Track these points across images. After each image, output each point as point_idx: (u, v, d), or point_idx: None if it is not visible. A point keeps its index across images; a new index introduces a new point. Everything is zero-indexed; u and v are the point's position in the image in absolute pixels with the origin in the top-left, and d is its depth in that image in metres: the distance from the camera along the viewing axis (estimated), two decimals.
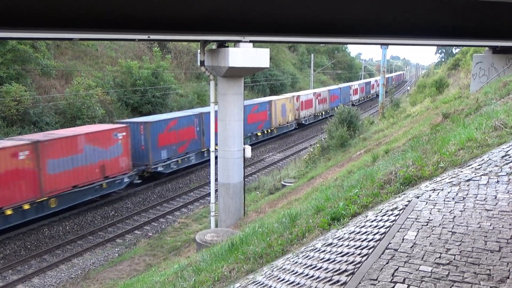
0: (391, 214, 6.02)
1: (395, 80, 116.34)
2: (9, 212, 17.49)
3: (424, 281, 4.14)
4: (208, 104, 31.28)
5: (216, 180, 18.64)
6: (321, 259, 5.37)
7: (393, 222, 5.64)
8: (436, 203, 6.13)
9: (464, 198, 6.20)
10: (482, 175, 6.96)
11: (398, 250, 4.82)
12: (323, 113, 51.73)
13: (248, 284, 5.88)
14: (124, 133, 23.48)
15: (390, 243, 5.01)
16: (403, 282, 4.14)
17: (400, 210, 6.07)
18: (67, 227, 20.29)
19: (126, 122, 26.18)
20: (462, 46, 39.08)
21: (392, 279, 4.23)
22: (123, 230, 20.48)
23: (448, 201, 6.16)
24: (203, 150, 29.75)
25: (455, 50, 57.91)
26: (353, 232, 5.95)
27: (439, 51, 71.00)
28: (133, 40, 19.68)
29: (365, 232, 5.68)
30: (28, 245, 18.43)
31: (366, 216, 6.52)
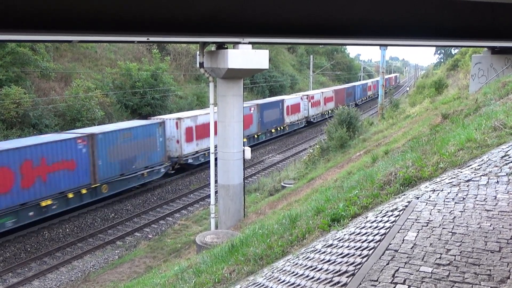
0: (391, 215, 6.01)
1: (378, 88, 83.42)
2: None
3: (424, 281, 4.14)
4: (206, 106, 31.26)
5: (216, 181, 18.64)
6: (322, 260, 5.36)
7: (393, 223, 5.64)
8: (436, 204, 6.13)
9: (464, 198, 6.20)
10: (482, 175, 6.96)
11: (399, 251, 4.82)
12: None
13: (249, 286, 5.87)
14: None
15: (390, 244, 5.01)
16: (403, 283, 4.14)
17: (400, 211, 6.07)
18: (67, 230, 20.27)
19: None
20: (461, 46, 39.13)
21: (392, 280, 4.22)
22: (123, 232, 20.46)
23: (448, 202, 6.15)
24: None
25: (454, 51, 57.95)
26: (353, 233, 5.95)
27: (438, 51, 71.09)
28: (132, 42, 19.71)
29: (365, 233, 5.68)
30: (28, 248, 18.41)
31: (366, 217, 6.52)
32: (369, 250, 4.99)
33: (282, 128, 40.51)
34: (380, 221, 5.92)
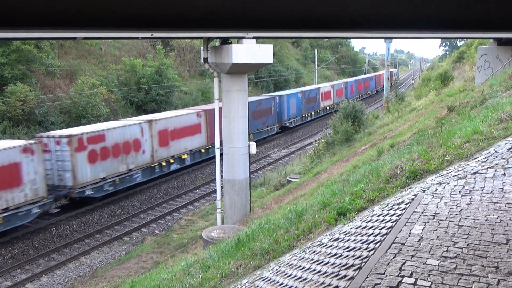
0: (398, 208, 6.00)
1: (361, 89, 64.21)
2: None
3: (431, 274, 4.13)
4: (212, 101, 31.01)
5: (221, 176, 18.67)
6: (328, 254, 5.37)
7: (400, 216, 5.63)
8: (442, 197, 6.11)
9: (470, 191, 6.18)
10: (489, 167, 6.93)
11: (405, 244, 4.81)
12: None
13: (256, 280, 5.89)
14: None
15: (397, 237, 5.01)
16: (410, 276, 4.14)
17: (406, 204, 6.06)
18: (74, 226, 20.40)
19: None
20: (466, 38, 38.88)
21: (399, 273, 4.22)
22: (130, 228, 20.56)
23: (455, 194, 6.13)
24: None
25: (459, 43, 57.51)
26: (360, 226, 5.94)
27: (444, 44, 70.52)
28: (137, 38, 19.75)
29: (372, 227, 5.67)
30: (36, 245, 18.55)
31: (373, 211, 6.51)
32: (376, 243, 4.99)
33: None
34: (387, 215, 5.91)
